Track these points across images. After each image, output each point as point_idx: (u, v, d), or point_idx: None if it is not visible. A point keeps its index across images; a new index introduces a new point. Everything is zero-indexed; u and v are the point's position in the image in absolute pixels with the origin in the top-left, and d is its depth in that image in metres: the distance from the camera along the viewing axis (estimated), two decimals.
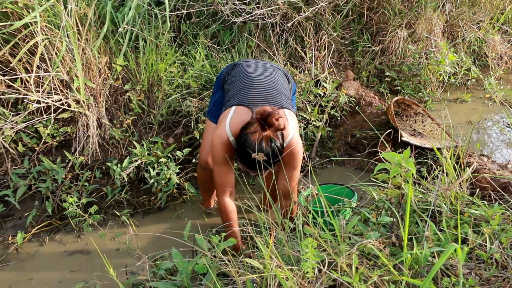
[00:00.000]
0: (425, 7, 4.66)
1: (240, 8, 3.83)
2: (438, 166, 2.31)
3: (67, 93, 3.03)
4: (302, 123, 3.66)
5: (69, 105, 3.03)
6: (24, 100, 2.99)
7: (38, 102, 2.91)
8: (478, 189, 2.32)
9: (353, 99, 4.08)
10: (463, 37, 5.20)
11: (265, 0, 3.92)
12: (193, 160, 3.34)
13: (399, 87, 4.54)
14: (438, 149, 2.38)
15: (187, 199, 3.19)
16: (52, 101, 2.95)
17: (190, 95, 3.56)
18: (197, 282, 1.91)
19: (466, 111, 4.55)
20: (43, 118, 3.04)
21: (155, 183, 3.05)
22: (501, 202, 2.14)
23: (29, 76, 2.87)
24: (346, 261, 1.56)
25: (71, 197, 2.25)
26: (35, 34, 2.76)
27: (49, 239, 2.83)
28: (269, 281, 1.48)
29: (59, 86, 2.98)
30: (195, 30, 3.94)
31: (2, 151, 2.99)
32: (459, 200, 2.05)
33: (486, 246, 1.72)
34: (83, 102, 3.06)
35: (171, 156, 3.21)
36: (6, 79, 2.86)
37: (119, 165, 3.10)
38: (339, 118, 3.96)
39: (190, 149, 3.26)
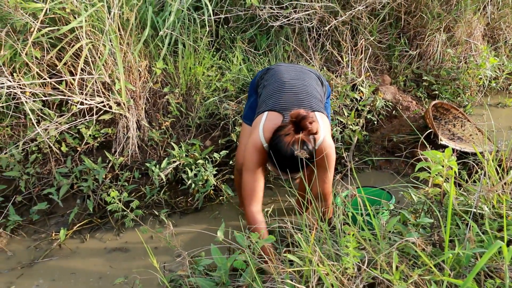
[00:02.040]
0: (464, 10, 4.57)
1: (278, 13, 3.87)
2: (479, 170, 2.26)
3: (108, 95, 3.12)
4: (339, 126, 3.65)
5: (110, 107, 3.12)
6: (68, 101, 3.09)
7: (81, 103, 3.00)
8: None
9: (390, 104, 4.04)
10: (505, 40, 5.07)
11: (302, 5, 3.94)
12: (230, 162, 3.38)
13: (437, 92, 4.47)
14: (479, 152, 2.33)
15: (223, 201, 3.22)
16: (94, 102, 3.04)
17: (228, 98, 3.61)
18: (235, 279, 1.93)
19: (508, 116, 4.43)
20: (86, 119, 3.13)
21: (193, 184, 3.10)
22: None
23: (73, 79, 2.97)
24: (386, 259, 1.55)
25: (114, 191, 2.31)
26: (80, 38, 2.85)
27: (89, 236, 2.92)
28: (309, 277, 1.48)
29: (101, 89, 3.08)
30: (232, 35, 3.99)
31: (47, 151, 3.11)
32: (502, 203, 2.00)
33: None
34: (124, 104, 3.15)
35: (208, 158, 3.25)
36: (52, 81, 2.97)
37: (157, 166, 3.17)
38: (375, 122, 3.93)
39: (227, 151, 3.29)
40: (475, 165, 2.50)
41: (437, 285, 1.49)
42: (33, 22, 2.71)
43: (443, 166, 1.66)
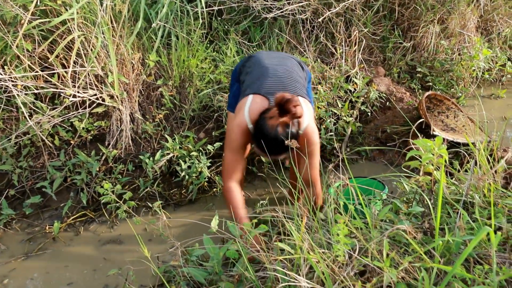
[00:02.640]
0: (458, 1, 4.58)
1: (271, 4, 3.86)
2: (471, 159, 2.27)
3: (101, 88, 3.11)
4: (333, 118, 3.66)
5: (103, 100, 3.11)
6: (61, 94, 3.08)
7: (74, 96, 2.99)
8: None
9: (384, 95, 4.05)
10: (499, 31, 5.09)
11: None
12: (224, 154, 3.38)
13: (430, 83, 4.48)
14: (471, 142, 2.35)
15: (217, 192, 3.23)
16: (87, 95, 3.03)
17: (221, 91, 3.60)
18: (228, 269, 1.94)
19: (501, 107, 4.45)
20: (79, 112, 3.13)
21: (186, 176, 3.10)
22: None
23: (65, 71, 2.96)
24: (377, 247, 1.56)
25: (107, 183, 2.31)
26: (72, 30, 2.84)
27: (83, 229, 2.92)
28: (301, 265, 1.49)
29: (94, 81, 3.07)
30: (226, 27, 3.98)
31: (40, 144, 3.10)
32: (492, 192, 2.01)
33: None
34: (117, 97, 3.14)
35: (202, 150, 3.25)
36: (44, 74, 2.96)
37: (151, 158, 3.17)
38: (369, 113, 3.94)
39: (221, 143, 3.29)
40: (467, 155, 2.51)
41: (427, 272, 1.51)
42: (24, 14, 2.69)
43: (433, 155, 1.67)
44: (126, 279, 2.34)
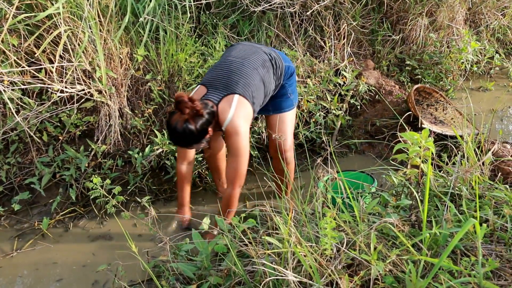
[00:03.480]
0: None
1: None
2: (458, 152, 2.29)
3: (89, 83, 3.08)
4: (322, 111, 3.66)
5: (91, 95, 3.09)
6: (48, 90, 3.05)
7: (62, 91, 2.96)
8: (500, 173, 2.29)
9: (373, 88, 4.06)
10: (487, 24, 5.11)
11: None
12: None
13: (420, 76, 4.50)
14: (460, 135, 2.36)
15: (207, 187, 3.22)
16: (75, 90, 3.00)
17: None
18: (216, 263, 1.94)
19: (489, 100, 4.48)
20: (67, 107, 3.10)
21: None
22: None
23: (52, 67, 2.93)
24: (365, 240, 1.57)
25: (96, 177, 2.30)
26: (58, 25, 2.81)
27: (73, 225, 2.90)
28: (288, 259, 1.50)
29: (82, 77, 3.04)
30: (214, 21, 3.96)
31: (28, 140, 3.07)
32: (479, 184, 2.03)
33: (507, 228, 1.71)
34: (105, 92, 3.11)
35: None
36: (31, 69, 2.93)
37: (140, 153, 3.15)
38: (359, 107, 3.95)
39: None
40: (455, 148, 2.53)
41: (415, 265, 1.52)
42: (8, 8, 2.66)
43: (420, 147, 1.68)
44: (116, 275, 2.33)
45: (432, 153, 1.73)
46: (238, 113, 2.33)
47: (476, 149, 2.24)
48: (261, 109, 2.65)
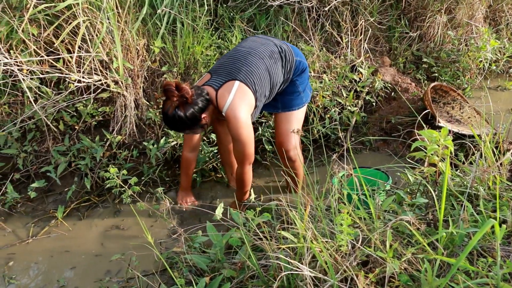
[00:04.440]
0: None
1: None
2: (476, 151, 2.26)
3: (106, 73, 3.10)
4: (337, 107, 3.64)
5: (108, 86, 3.11)
6: (66, 79, 3.08)
7: (79, 81, 2.98)
8: None
9: (389, 85, 4.03)
10: (507, 22, 5.03)
11: None
12: None
13: (436, 74, 4.45)
14: (477, 134, 2.33)
15: (221, 180, 3.23)
16: (92, 81, 3.02)
17: None
18: (230, 256, 1.95)
19: (508, 99, 4.42)
20: (83, 97, 3.13)
21: None
22: None
23: (70, 57, 2.95)
24: (380, 238, 1.56)
25: (113, 167, 2.33)
26: (77, 15, 2.82)
27: (87, 214, 2.93)
28: (303, 254, 1.50)
29: (99, 67, 3.06)
30: (231, 14, 3.96)
31: (44, 129, 3.10)
32: (497, 184, 2.01)
33: None
34: (122, 82, 3.13)
35: (205, 138, 3.25)
36: (50, 59, 2.95)
37: (155, 145, 3.17)
38: (374, 103, 3.92)
39: None
40: (472, 147, 2.50)
41: (430, 264, 1.51)
42: None
43: (438, 146, 1.66)
44: (129, 264, 2.35)
45: (450, 152, 1.71)
46: (237, 99, 2.36)
47: (494, 149, 2.21)
48: (270, 106, 2.68)
